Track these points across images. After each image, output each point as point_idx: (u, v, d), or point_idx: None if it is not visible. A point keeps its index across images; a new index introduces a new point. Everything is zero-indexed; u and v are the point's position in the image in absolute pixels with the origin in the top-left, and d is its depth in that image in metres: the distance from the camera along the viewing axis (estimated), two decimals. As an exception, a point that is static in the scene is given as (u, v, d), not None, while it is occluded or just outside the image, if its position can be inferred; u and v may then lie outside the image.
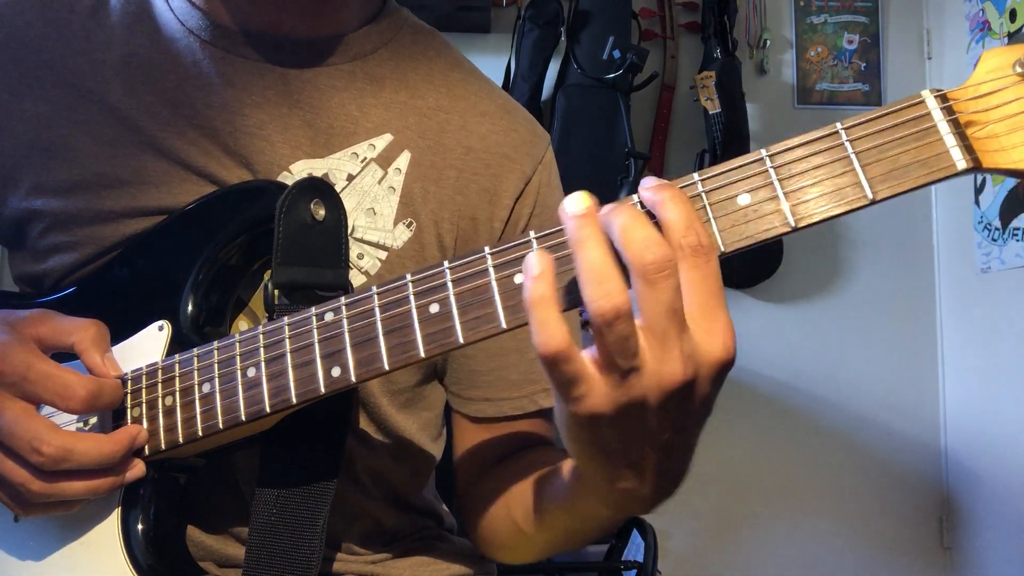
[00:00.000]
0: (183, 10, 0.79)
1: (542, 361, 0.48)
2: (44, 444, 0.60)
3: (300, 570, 0.68)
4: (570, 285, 0.52)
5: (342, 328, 0.60)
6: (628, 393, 0.49)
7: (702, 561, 2.74)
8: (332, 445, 0.72)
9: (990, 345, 2.62)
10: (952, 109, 0.49)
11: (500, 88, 0.89)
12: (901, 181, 0.49)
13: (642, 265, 0.47)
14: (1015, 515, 2.51)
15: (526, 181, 0.84)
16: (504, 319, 0.54)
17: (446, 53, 0.87)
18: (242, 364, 0.64)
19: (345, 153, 0.78)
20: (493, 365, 0.82)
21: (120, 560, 0.67)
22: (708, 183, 0.52)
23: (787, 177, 0.51)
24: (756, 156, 0.51)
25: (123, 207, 0.76)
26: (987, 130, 0.49)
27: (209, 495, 0.77)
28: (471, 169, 0.81)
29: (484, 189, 0.82)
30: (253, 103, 0.77)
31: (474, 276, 0.56)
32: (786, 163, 0.51)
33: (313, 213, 0.70)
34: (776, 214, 0.51)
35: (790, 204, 0.51)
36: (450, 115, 0.82)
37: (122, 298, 0.74)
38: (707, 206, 0.52)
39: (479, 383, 0.82)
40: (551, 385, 0.50)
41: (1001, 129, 0.48)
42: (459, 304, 0.56)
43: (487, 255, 0.56)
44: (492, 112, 0.84)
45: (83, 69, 0.78)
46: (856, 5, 2.92)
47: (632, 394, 0.49)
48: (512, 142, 0.84)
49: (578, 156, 2.60)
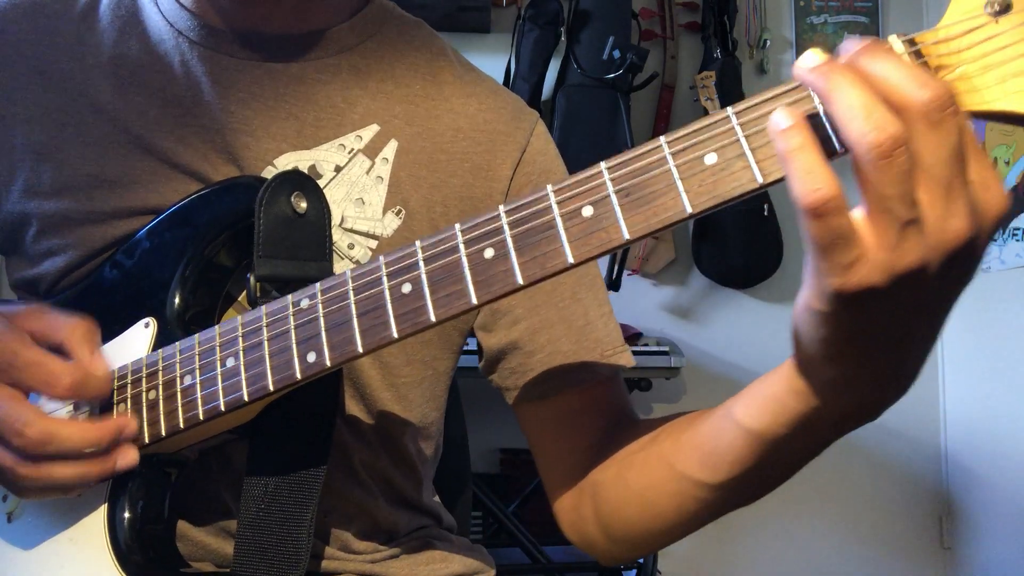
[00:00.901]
0: (172, 11, 0.80)
1: (809, 215, 0.43)
2: (27, 427, 0.61)
3: (290, 562, 0.68)
4: None
5: (317, 313, 0.61)
6: (907, 256, 0.44)
7: (702, 561, 2.74)
8: (319, 435, 0.72)
9: (990, 345, 2.62)
10: (920, 52, 0.47)
11: (485, 73, 0.89)
12: None
13: (923, 103, 0.42)
14: (1015, 515, 2.50)
15: (522, 150, 0.84)
16: (475, 295, 0.54)
17: (431, 43, 0.87)
18: (221, 355, 0.65)
19: (332, 145, 0.78)
20: (542, 340, 0.79)
21: (105, 555, 0.67)
22: (674, 144, 0.51)
23: (753, 133, 0.49)
24: (722, 115, 0.50)
25: (113, 207, 0.77)
26: (959, 72, 0.47)
27: (202, 492, 0.77)
28: (462, 149, 0.82)
29: (477, 166, 0.82)
30: (239, 100, 0.78)
31: (444, 253, 0.56)
32: (752, 119, 0.49)
33: (294, 206, 0.71)
34: (744, 171, 0.49)
35: (757, 160, 0.49)
36: (436, 101, 0.83)
37: (113, 299, 0.75)
38: (672, 167, 0.51)
39: (533, 365, 0.79)
40: (813, 254, 0.45)
41: (973, 70, 0.47)
42: (430, 282, 0.56)
43: (457, 232, 0.56)
44: (479, 93, 0.85)
45: (74, 73, 0.79)
46: (856, 5, 2.92)
47: (911, 257, 0.44)
48: (501, 118, 0.84)
49: (578, 156, 2.58)
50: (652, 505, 0.70)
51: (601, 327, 0.81)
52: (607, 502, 0.75)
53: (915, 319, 0.48)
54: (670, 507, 0.69)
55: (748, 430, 0.60)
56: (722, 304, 2.82)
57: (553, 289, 0.80)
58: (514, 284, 0.54)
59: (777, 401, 0.57)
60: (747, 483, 0.63)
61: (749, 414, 0.60)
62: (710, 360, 2.78)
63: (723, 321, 2.81)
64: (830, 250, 0.44)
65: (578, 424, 0.80)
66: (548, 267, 0.53)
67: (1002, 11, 0.46)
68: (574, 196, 0.53)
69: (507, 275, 0.54)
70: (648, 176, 0.51)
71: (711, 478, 0.64)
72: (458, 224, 0.56)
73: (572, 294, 0.81)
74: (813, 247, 0.45)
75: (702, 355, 2.77)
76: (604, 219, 0.52)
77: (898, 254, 0.44)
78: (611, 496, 0.74)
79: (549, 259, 0.53)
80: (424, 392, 0.84)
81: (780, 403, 0.57)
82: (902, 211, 0.43)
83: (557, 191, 0.53)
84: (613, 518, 0.75)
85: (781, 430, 0.58)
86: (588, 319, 0.81)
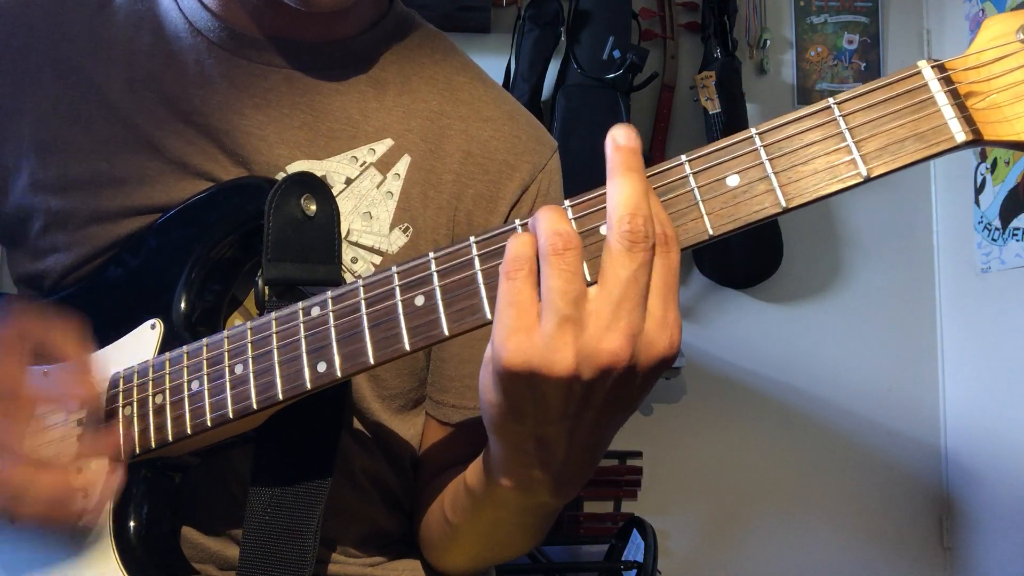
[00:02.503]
0: (193, 10, 0.79)
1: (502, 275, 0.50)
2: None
3: (295, 570, 0.67)
4: None
5: (328, 323, 0.60)
6: (560, 351, 0.47)
7: (702, 561, 2.74)
8: (326, 443, 0.71)
9: (990, 345, 2.62)
10: (951, 79, 0.47)
11: (507, 94, 0.88)
12: (897, 156, 0.47)
13: (631, 228, 0.47)
14: (1015, 515, 2.50)
15: (523, 188, 0.83)
16: (489, 310, 0.53)
17: (452, 56, 0.86)
18: (230, 361, 0.64)
19: (344, 156, 0.78)
20: (463, 371, 0.81)
21: (111, 560, 0.66)
22: (696, 164, 0.50)
23: (778, 156, 0.49)
24: (746, 135, 0.49)
25: (120, 206, 0.76)
26: (988, 100, 0.46)
27: (206, 495, 0.77)
28: (468, 174, 0.81)
29: (480, 195, 0.81)
30: (254, 104, 0.77)
31: (459, 267, 0.55)
32: (776, 141, 0.49)
33: (304, 208, 0.70)
34: (767, 194, 0.49)
35: (781, 184, 0.48)
36: (452, 120, 0.82)
37: (118, 298, 0.74)
38: (695, 189, 0.50)
39: (449, 388, 0.82)
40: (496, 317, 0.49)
41: (1004, 99, 0.46)
42: (444, 296, 0.55)
43: (472, 244, 0.55)
44: (495, 118, 0.84)
45: (86, 66, 0.78)
46: (856, 5, 2.92)
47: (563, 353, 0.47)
48: (514, 149, 0.83)
49: (578, 156, 2.58)
50: (427, 527, 0.80)
51: None
52: (420, 510, 0.82)
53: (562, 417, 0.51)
54: (436, 534, 0.79)
55: (467, 486, 0.68)
56: (722, 304, 2.81)
57: None
58: None
59: (479, 466, 0.64)
60: (477, 532, 0.72)
61: (471, 472, 0.67)
62: (710, 360, 2.78)
63: (723, 321, 2.81)
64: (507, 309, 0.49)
65: (453, 447, 0.83)
66: None
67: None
68: (589, 215, 0.52)
69: None
70: (670, 197, 0.51)
71: (451, 518, 0.73)
72: (472, 237, 0.55)
73: None
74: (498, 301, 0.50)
75: (702, 355, 2.76)
76: None
77: (552, 345, 0.47)
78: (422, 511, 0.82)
79: None
80: (418, 400, 0.84)
81: (480, 469, 0.63)
82: (561, 305, 0.47)
83: (574, 207, 0.52)
84: (421, 527, 0.82)
85: (481, 492, 0.65)
86: None
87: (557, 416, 0.50)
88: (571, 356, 0.47)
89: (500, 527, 0.69)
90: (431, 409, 0.84)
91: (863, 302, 2.84)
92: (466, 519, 0.70)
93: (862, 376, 2.81)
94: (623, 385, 0.48)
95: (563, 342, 0.47)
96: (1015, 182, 2.49)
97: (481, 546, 0.74)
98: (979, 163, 2.63)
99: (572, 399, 0.49)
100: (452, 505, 0.72)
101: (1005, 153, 2.54)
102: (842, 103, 0.49)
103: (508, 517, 0.66)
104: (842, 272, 2.85)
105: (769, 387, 2.78)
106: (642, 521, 2.33)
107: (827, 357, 2.81)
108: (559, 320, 0.47)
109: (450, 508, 0.73)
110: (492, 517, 0.67)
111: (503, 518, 0.66)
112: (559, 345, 0.47)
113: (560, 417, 0.50)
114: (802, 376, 2.79)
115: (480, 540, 0.74)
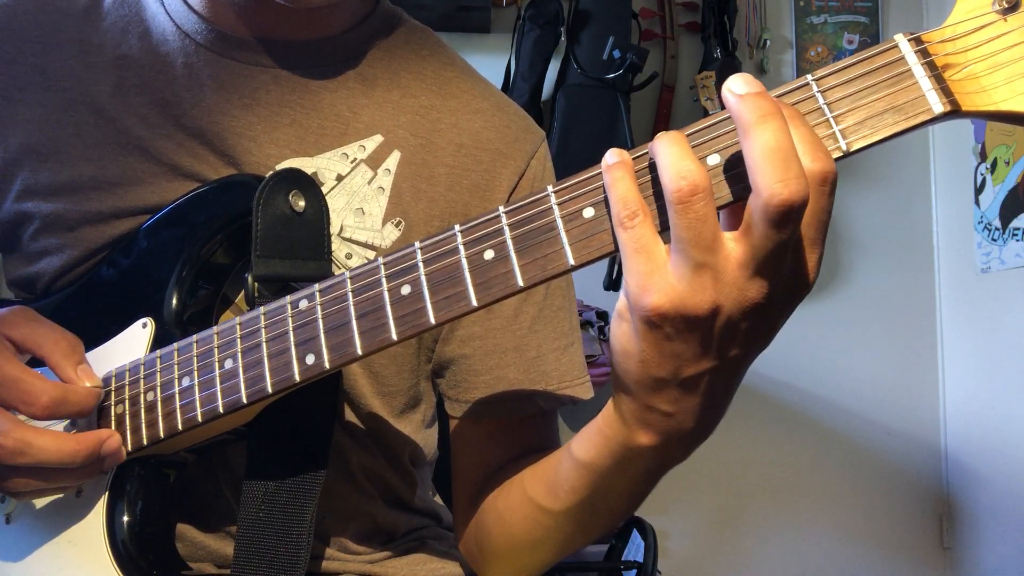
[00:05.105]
0: (179, 13, 0.79)
1: (618, 226, 0.48)
2: (2, 436, 0.60)
3: (290, 564, 0.67)
4: None
5: (316, 315, 0.60)
6: (698, 295, 0.47)
7: (702, 561, 2.74)
8: (319, 437, 0.71)
9: (990, 345, 2.61)
10: (927, 51, 0.47)
11: (494, 86, 0.89)
12: (876, 129, 0.48)
13: (822, 172, 0.46)
14: (1015, 515, 2.50)
15: (520, 174, 0.83)
16: (475, 297, 0.53)
17: (439, 52, 0.87)
18: (219, 356, 0.64)
19: (335, 153, 0.78)
20: (491, 363, 0.80)
21: (104, 556, 0.66)
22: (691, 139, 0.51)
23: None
24: (724, 115, 0.50)
25: (111, 208, 0.76)
26: (966, 71, 0.46)
27: (202, 492, 0.77)
28: (462, 166, 0.81)
29: (476, 185, 0.81)
30: (243, 104, 0.77)
31: (444, 255, 0.55)
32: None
33: (292, 204, 0.70)
34: None
35: None
36: (442, 113, 0.82)
37: (110, 298, 0.75)
38: None
39: (477, 384, 0.81)
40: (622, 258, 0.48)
41: (981, 69, 0.46)
42: (430, 284, 0.55)
43: (457, 232, 0.55)
44: (485, 109, 0.84)
45: (75, 72, 0.79)
46: (856, 5, 2.91)
47: (702, 297, 0.47)
48: (505, 138, 0.83)
49: (578, 156, 2.59)
50: (508, 525, 0.75)
51: (552, 360, 0.81)
52: (482, 520, 0.79)
53: (706, 367, 0.50)
54: (522, 530, 0.74)
55: (579, 461, 0.64)
56: (722, 304, 2.81)
57: (514, 316, 0.80)
58: (515, 286, 0.53)
59: (600, 433, 0.61)
60: (583, 511, 0.68)
61: (581, 447, 0.64)
62: (710, 360, 2.77)
63: (723, 321, 2.80)
64: (635, 256, 0.48)
65: (497, 446, 0.82)
66: (549, 269, 0.52)
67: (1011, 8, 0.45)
68: (576, 197, 0.52)
69: (508, 277, 0.53)
70: (654, 176, 0.50)
71: (552, 505, 0.69)
72: (457, 224, 0.55)
73: (530, 325, 0.81)
74: (622, 251, 0.49)
75: (702, 355, 2.76)
76: (606, 221, 0.51)
77: (694, 285, 0.47)
78: (486, 516, 0.79)
79: (550, 261, 0.52)
80: (416, 396, 0.84)
81: (602, 434, 0.60)
82: (694, 254, 0.46)
83: (558, 192, 0.52)
84: (483, 535, 0.79)
85: (604, 460, 0.61)
86: (540, 351, 0.81)
87: (703, 355, 0.50)
88: (713, 296, 0.47)
89: (610, 498, 0.66)
90: (459, 411, 0.82)
91: (863, 302, 2.84)
92: (574, 499, 0.67)
93: (862, 376, 2.80)
94: (767, 316, 0.48)
95: (701, 286, 0.47)
96: (1015, 182, 2.48)
97: (585, 521, 0.70)
98: (979, 163, 2.63)
99: (716, 336, 0.49)
100: (549, 491, 0.69)
101: (1005, 153, 2.54)
102: (820, 79, 0.49)
103: (625, 485, 0.63)
104: (842, 272, 2.85)
105: (769, 387, 2.77)
106: (642, 521, 2.32)
107: (827, 357, 2.80)
108: (694, 266, 0.46)
109: (546, 495, 0.70)
110: (610, 487, 0.64)
111: (618, 488, 0.64)
112: (699, 287, 0.47)
113: (704, 356, 0.50)
114: (802, 376, 2.79)
115: (585, 519, 0.69)
